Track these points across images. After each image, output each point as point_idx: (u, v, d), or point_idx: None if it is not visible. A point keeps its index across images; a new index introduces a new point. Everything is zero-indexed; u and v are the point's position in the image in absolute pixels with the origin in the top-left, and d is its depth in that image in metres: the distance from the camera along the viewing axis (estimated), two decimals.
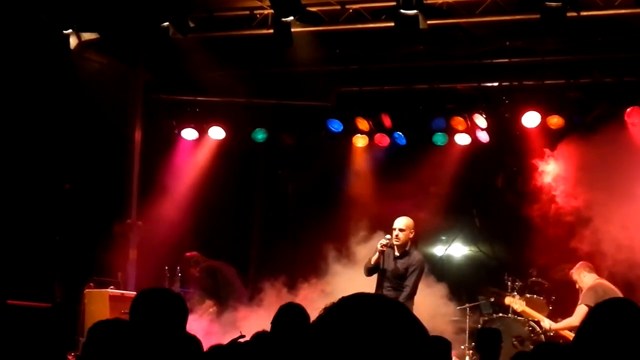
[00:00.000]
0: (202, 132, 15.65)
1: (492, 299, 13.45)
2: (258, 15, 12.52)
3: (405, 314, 2.08)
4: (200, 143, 15.77)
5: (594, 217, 12.97)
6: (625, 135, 13.38)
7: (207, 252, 14.41)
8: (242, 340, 7.37)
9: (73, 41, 12.11)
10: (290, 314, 7.01)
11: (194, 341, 5.93)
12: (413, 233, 11.49)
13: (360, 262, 12.41)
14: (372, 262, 11.38)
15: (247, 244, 16.16)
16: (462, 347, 12.91)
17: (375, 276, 11.48)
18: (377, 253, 11.31)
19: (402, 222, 11.46)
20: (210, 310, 13.41)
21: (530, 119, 14.16)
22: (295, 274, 13.86)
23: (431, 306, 12.18)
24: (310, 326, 2.09)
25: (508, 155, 14.80)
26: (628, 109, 13.66)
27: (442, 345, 8.24)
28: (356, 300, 2.10)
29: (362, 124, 15.38)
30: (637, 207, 12.91)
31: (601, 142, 13.18)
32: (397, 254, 11.44)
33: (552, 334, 12.11)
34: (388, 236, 11.40)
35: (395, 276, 11.35)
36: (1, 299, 6.93)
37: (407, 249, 11.46)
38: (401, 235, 11.34)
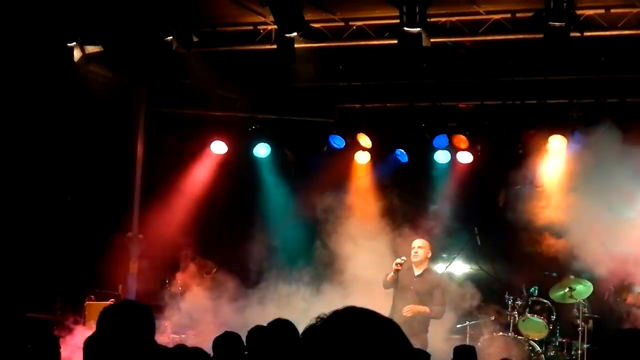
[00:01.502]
0: (204, 146, 15.64)
1: (493, 318, 13.42)
2: (262, 31, 12.55)
3: (394, 331, 2.10)
4: (202, 157, 15.77)
5: (597, 236, 12.93)
6: (628, 155, 13.34)
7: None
8: None
9: (77, 54, 12.14)
10: (280, 330, 6.99)
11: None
12: (430, 253, 12.35)
13: (357, 276, 13.13)
14: (389, 279, 12.16)
15: (248, 258, 16.11)
16: None
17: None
18: (392, 272, 12.04)
19: (420, 241, 12.42)
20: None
21: (532, 138, 14.16)
22: (295, 286, 13.87)
23: (431, 324, 12.17)
24: (302, 335, 2.12)
25: (509, 173, 14.77)
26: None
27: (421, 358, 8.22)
28: (348, 314, 2.12)
29: (364, 140, 15.35)
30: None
31: (603, 160, 13.15)
32: (417, 272, 12.13)
33: None
34: (404, 257, 12.13)
35: (418, 294, 12.02)
36: (19, 312, 6.88)
37: (426, 267, 12.29)
38: (420, 252, 12.19)
